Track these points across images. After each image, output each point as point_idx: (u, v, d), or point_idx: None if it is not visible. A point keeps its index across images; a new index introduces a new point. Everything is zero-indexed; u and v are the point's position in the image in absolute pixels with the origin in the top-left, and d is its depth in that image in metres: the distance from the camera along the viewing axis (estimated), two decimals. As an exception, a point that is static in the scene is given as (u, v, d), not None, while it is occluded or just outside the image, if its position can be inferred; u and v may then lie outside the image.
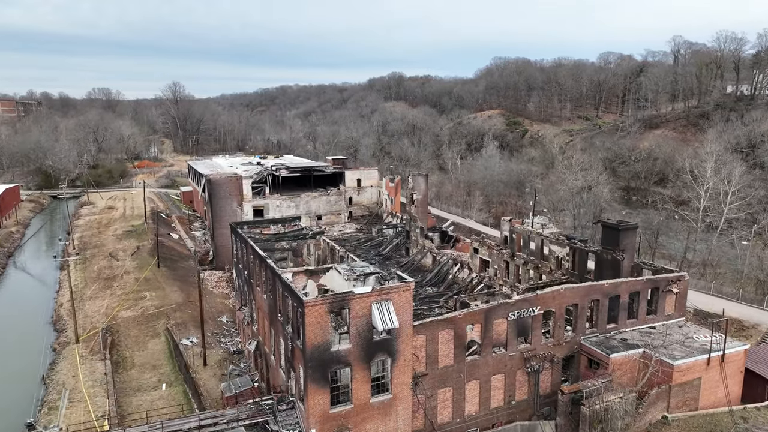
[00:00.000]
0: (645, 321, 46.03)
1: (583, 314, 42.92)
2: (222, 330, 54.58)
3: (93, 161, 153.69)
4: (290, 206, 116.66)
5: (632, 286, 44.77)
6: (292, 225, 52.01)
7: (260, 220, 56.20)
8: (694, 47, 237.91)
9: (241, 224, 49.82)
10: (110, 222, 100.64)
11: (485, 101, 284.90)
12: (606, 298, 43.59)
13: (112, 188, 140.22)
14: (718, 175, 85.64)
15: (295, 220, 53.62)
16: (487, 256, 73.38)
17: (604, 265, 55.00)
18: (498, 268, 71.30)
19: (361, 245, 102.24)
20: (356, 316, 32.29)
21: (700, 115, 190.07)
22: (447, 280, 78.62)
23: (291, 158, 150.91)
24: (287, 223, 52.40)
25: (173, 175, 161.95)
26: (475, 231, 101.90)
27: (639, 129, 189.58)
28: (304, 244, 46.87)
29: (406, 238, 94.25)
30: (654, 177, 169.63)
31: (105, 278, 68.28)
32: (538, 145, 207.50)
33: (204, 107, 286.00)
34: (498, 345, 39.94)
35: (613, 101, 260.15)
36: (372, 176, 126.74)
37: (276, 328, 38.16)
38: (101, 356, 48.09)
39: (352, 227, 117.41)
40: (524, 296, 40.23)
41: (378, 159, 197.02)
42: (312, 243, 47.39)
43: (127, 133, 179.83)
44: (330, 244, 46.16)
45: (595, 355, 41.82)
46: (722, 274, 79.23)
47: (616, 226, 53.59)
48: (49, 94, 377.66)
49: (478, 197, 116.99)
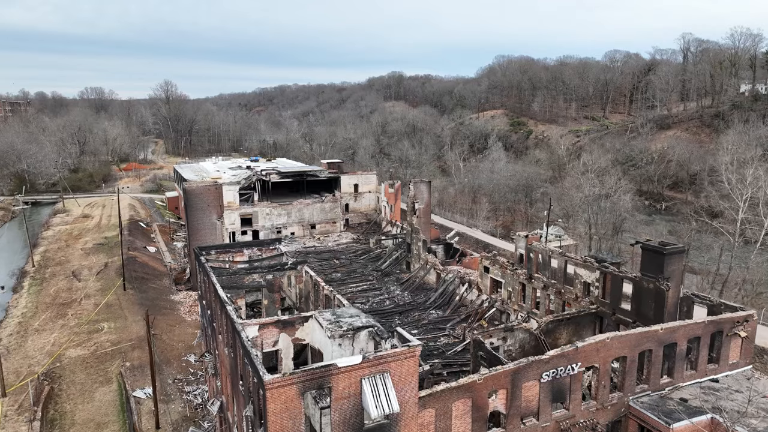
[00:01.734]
0: (706, 372, 37.07)
1: (632, 368, 33.96)
2: (187, 375, 45.55)
3: (74, 164, 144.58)
4: (281, 214, 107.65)
5: (692, 331, 35.81)
6: (270, 249, 43.04)
7: (232, 244, 47.28)
8: (705, 45, 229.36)
9: (207, 249, 40.90)
10: (82, 233, 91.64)
11: (488, 101, 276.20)
12: (660, 346, 34.65)
13: (93, 194, 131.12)
14: (759, 182, 76.16)
15: (274, 242, 44.58)
16: (499, 276, 64.37)
17: (644, 296, 46.05)
18: (512, 291, 62.30)
19: (358, 258, 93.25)
20: (341, 398, 23.25)
21: (714, 115, 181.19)
22: (453, 302, 69.63)
23: (284, 161, 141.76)
24: (265, 247, 43.44)
25: (160, 179, 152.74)
26: (482, 243, 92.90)
27: (651, 130, 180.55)
28: (283, 276, 37.98)
29: (407, 251, 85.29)
30: (667, 180, 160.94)
31: (60, 304, 59.25)
32: (543, 147, 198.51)
33: (197, 107, 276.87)
34: (528, 414, 30.93)
35: (620, 101, 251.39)
36: (370, 181, 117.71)
37: (237, 397, 29.22)
38: (30, 415, 39.05)
39: (348, 237, 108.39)
40: (561, 351, 31.21)
41: (377, 161, 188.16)
42: (293, 275, 38.46)
43: (112, 134, 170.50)
44: (313, 278, 37.26)
45: (650, 423, 32.84)
46: (764, 294, 70.27)
47: (660, 249, 44.55)
48: (44, 94, 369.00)
49: (485, 204, 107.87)
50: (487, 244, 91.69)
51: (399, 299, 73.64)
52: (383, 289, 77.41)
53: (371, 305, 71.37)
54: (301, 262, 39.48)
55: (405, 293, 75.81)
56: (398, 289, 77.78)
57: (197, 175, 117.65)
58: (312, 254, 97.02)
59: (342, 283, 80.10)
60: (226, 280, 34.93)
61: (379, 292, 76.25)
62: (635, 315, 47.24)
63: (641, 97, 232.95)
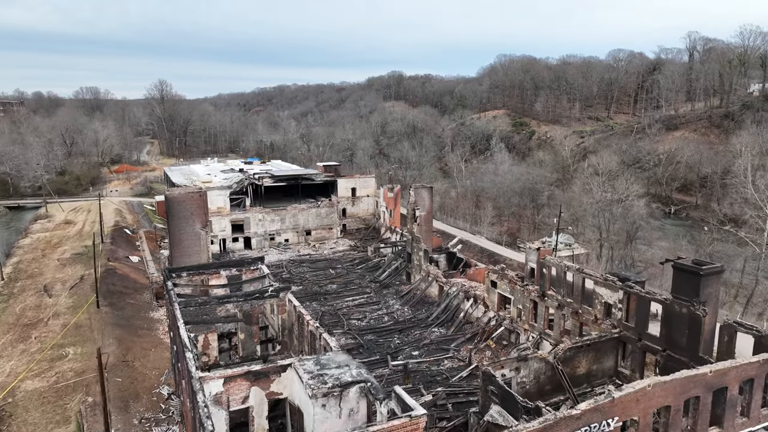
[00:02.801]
0: (759, 419, 31.61)
1: (677, 420, 28.44)
2: (157, 412, 39.88)
3: (60, 166, 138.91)
4: (274, 220, 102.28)
5: (745, 372, 30.33)
6: (251, 269, 37.53)
7: (208, 265, 41.70)
8: (711, 43, 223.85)
9: (178, 271, 35.31)
10: (62, 241, 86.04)
11: (489, 101, 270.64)
12: (709, 392, 29.17)
13: (80, 197, 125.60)
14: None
15: (256, 262, 39.02)
16: (508, 292, 58.88)
17: (676, 321, 40.68)
18: (523, 309, 56.81)
19: (355, 267, 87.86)
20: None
21: (724, 116, 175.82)
22: (458, 319, 64.16)
23: (279, 164, 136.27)
24: (245, 267, 37.91)
25: (151, 182, 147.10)
26: (487, 252, 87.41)
27: (659, 131, 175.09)
28: (262, 306, 32.53)
29: (407, 261, 79.84)
30: (676, 183, 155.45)
31: (24, 325, 53.44)
32: (547, 148, 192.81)
33: (193, 107, 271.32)
34: (555, 482, 25.39)
35: (624, 101, 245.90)
36: (368, 184, 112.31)
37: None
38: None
39: (345, 244, 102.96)
40: (594, 403, 25.69)
41: (376, 163, 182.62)
42: (274, 303, 32.97)
43: (102, 135, 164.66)
44: (297, 309, 31.74)
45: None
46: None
47: (696, 270, 39.16)
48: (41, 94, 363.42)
49: (489, 209, 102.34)
50: (493, 253, 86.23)
51: (399, 314, 68.23)
52: (382, 303, 72.00)
53: (369, 321, 66.00)
54: (284, 288, 33.94)
55: (405, 308, 70.41)
56: (398, 302, 72.37)
57: (187, 179, 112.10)
58: (306, 263, 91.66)
59: (338, 296, 74.71)
60: (194, 312, 29.50)
61: (377, 307, 70.84)
62: (665, 342, 41.84)
63: (646, 97, 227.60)
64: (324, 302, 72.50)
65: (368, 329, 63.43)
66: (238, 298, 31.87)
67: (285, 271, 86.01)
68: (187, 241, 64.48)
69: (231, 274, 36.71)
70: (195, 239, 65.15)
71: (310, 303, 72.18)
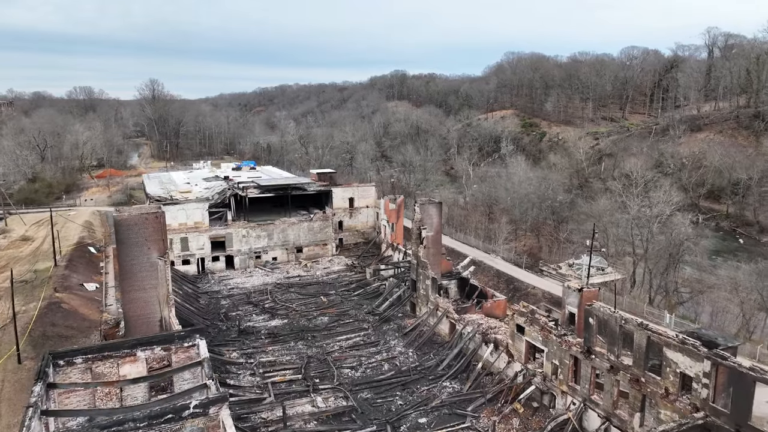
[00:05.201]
0: None
1: None
2: None
3: (31, 173, 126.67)
4: (260, 236, 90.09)
5: None
6: (183, 347, 25.38)
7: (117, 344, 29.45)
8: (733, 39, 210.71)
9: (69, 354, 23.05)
10: (10, 263, 74.02)
11: (497, 100, 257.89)
12: None
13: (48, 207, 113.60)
14: None
15: (192, 335, 26.86)
16: (540, 341, 46.47)
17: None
18: (560, 365, 44.38)
19: (351, 293, 75.63)
20: None
21: (753, 116, 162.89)
22: (475, 371, 51.74)
23: (270, 170, 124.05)
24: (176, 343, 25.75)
25: (132, 189, 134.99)
26: (504, 276, 75.08)
27: (684, 132, 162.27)
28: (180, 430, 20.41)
29: (412, 289, 67.57)
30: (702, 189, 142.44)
31: None
32: (560, 150, 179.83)
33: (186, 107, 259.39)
34: None
35: (639, 100, 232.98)
36: (368, 194, 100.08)
37: None
38: None
39: (341, 262, 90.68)
40: None
41: (378, 167, 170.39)
42: (201, 423, 20.63)
43: (83, 137, 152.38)
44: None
45: None
46: None
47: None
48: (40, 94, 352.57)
49: (504, 224, 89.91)
50: (511, 278, 73.91)
51: (401, 360, 55.92)
52: (381, 344, 59.75)
53: (364, 371, 53.75)
54: (218, 399, 21.61)
55: (409, 351, 58.08)
56: (401, 343, 60.09)
57: (163, 189, 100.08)
58: (295, 287, 79.42)
59: (329, 333, 62.43)
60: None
61: (376, 349, 58.56)
62: (778, 439, 29.66)
63: (663, 96, 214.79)
64: (312, 342, 60.44)
65: (364, 383, 51.23)
66: (141, 421, 19.57)
67: (269, 299, 73.96)
68: (141, 275, 52.33)
69: (152, 355, 24.67)
70: (151, 271, 52.92)
71: (295, 344, 60.07)
